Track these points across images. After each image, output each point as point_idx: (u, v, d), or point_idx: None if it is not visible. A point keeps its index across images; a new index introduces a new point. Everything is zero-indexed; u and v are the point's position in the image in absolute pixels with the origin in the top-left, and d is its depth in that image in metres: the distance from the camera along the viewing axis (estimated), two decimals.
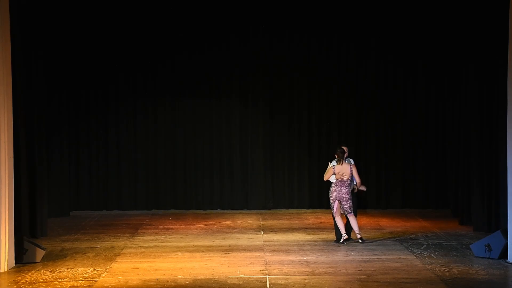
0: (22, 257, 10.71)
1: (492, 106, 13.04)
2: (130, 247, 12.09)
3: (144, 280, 9.69)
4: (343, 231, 12.25)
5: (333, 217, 12.41)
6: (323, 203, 16.61)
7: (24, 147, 12.05)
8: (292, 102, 16.72)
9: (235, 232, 13.69)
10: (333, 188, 12.33)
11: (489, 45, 12.95)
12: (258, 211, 16.32)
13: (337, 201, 12.27)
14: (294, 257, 11.15)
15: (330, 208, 12.24)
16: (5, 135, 10.46)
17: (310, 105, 16.75)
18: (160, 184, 16.70)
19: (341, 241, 12.22)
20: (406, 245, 12.04)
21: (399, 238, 12.80)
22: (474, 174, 13.61)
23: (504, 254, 10.82)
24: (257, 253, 11.47)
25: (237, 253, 11.49)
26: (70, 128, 16.24)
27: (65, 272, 10.20)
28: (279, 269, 10.28)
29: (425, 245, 12.07)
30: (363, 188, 12.58)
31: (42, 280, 9.74)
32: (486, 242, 11.03)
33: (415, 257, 11.07)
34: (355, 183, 12.38)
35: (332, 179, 12.36)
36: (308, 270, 10.20)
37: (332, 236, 12.84)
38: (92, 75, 16.35)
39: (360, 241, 12.17)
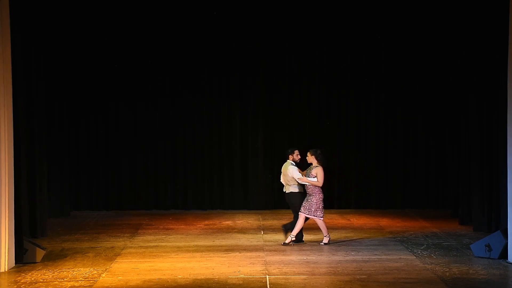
0: (22, 257, 10.71)
1: (492, 105, 13.03)
2: (130, 247, 12.09)
3: (144, 280, 9.69)
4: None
5: (316, 220, 12.22)
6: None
7: (24, 147, 12.06)
8: (293, 101, 16.72)
9: (235, 232, 13.69)
10: (319, 189, 12.15)
11: (489, 44, 12.95)
12: (258, 211, 16.33)
13: None
14: (294, 257, 11.15)
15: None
16: (5, 135, 10.46)
17: (310, 104, 16.76)
18: (160, 184, 16.71)
19: (325, 242, 12.18)
20: (406, 245, 12.04)
21: (399, 238, 12.80)
22: (474, 174, 13.62)
23: (504, 254, 10.82)
24: (257, 253, 11.47)
25: (237, 253, 11.49)
26: (70, 128, 16.26)
27: (65, 272, 10.20)
28: (279, 269, 10.28)
29: (425, 245, 12.07)
30: None
31: (42, 280, 9.74)
32: (486, 242, 11.03)
33: (415, 257, 11.07)
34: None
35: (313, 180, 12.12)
36: (308, 270, 10.20)
37: (332, 236, 12.85)
38: (93, 75, 16.38)
39: (292, 244, 12.13)
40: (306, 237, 12.93)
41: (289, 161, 12.39)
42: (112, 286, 9.46)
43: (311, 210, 12.05)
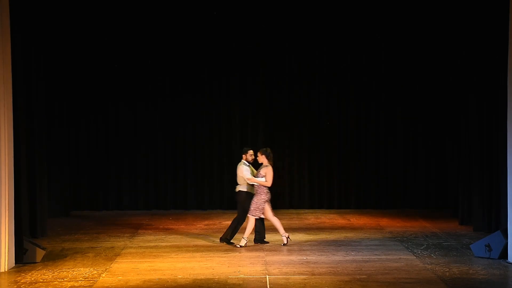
0: (22, 257, 10.71)
1: (492, 105, 13.03)
2: (130, 247, 12.08)
3: (144, 280, 9.68)
4: (259, 235, 12.17)
5: (249, 220, 12.07)
6: (323, 203, 16.67)
7: (24, 147, 12.06)
8: (293, 101, 16.72)
9: None
10: (266, 189, 12.07)
11: (489, 44, 12.95)
12: None
13: (267, 203, 12.14)
14: (294, 257, 11.14)
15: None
16: (5, 135, 10.46)
17: (310, 104, 16.76)
18: (160, 184, 16.71)
19: (241, 245, 11.97)
20: (406, 245, 12.04)
21: (399, 238, 12.80)
22: (474, 174, 13.62)
23: (504, 254, 10.82)
24: (257, 253, 11.46)
25: (237, 253, 11.49)
26: (70, 128, 16.26)
27: (65, 272, 10.20)
28: (279, 269, 10.27)
29: (425, 245, 12.07)
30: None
31: (42, 280, 9.73)
32: (486, 242, 11.02)
33: (415, 257, 11.07)
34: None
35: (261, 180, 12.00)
36: (308, 270, 10.19)
37: (332, 236, 12.86)
38: (92, 75, 16.37)
39: (289, 240, 12.09)
40: (306, 237, 12.94)
41: (242, 161, 12.38)
42: (112, 286, 9.46)
43: (251, 209, 12.04)
